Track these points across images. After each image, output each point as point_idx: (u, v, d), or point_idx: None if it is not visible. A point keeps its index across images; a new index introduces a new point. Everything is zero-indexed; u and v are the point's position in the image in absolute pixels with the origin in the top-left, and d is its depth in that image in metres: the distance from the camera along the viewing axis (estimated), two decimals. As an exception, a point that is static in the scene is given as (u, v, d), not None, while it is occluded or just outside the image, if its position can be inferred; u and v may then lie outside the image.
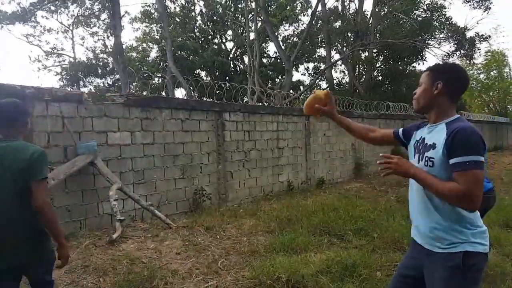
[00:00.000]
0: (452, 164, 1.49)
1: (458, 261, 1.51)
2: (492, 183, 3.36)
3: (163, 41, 20.90)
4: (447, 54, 16.31)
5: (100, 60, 22.26)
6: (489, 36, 16.13)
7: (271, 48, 23.90)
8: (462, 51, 16.31)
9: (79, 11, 20.23)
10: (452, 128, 1.53)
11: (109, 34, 21.17)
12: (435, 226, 1.59)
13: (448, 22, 16.34)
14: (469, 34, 16.14)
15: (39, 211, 1.84)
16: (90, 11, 20.39)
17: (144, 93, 15.18)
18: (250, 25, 17.09)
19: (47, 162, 1.98)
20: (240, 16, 22.24)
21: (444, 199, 1.52)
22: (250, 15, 16.66)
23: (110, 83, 23.14)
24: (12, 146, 1.88)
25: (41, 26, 20.25)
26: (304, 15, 22.53)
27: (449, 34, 16.01)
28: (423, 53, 17.68)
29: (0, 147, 1.87)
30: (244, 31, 19.71)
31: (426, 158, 1.60)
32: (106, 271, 3.41)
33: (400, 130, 1.94)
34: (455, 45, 16.14)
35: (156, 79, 21.21)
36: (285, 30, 23.40)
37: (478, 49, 16.33)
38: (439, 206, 1.58)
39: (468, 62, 17.75)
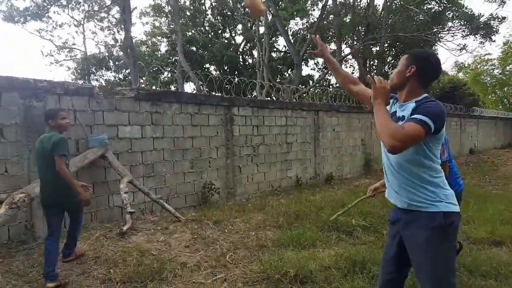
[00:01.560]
0: (408, 118, 1.69)
1: (439, 220, 1.67)
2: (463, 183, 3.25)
3: (173, 35, 20.95)
4: (459, 47, 15.87)
5: (112, 54, 22.43)
6: (505, 17, 15.51)
7: (281, 42, 23.68)
8: (478, 36, 15.77)
9: (90, 5, 20.33)
10: (419, 102, 1.74)
11: (119, 29, 21.30)
12: (410, 190, 1.76)
13: (461, 10, 15.85)
14: (483, 19, 15.56)
15: (59, 173, 3.11)
16: (100, 6, 20.49)
17: (154, 87, 15.27)
18: (261, 19, 16.96)
19: (63, 144, 3.16)
20: (250, 10, 22.08)
21: (379, 131, 1.65)
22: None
23: (122, 77, 23.34)
24: (47, 135, 3.24)
25: (53, 21, 20.47)
26: (314, 10, 22.27)
27: (463, 22, 15.52)
28: (435, 46, 17.30)
29: (44, 136, 3.27)
30: (254, 25, 19.58)
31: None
32: (117, 262, 3.47)
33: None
34: (470, 31, 15.59)
35: (166, 73, 21.29)
36: (296, 24, 23.21)
37: (496, 32, 15.70)
38: (410, 170, 1.75)
39: (485, 44, 17.07)
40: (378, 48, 17.99)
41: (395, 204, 1.88)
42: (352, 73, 22.01)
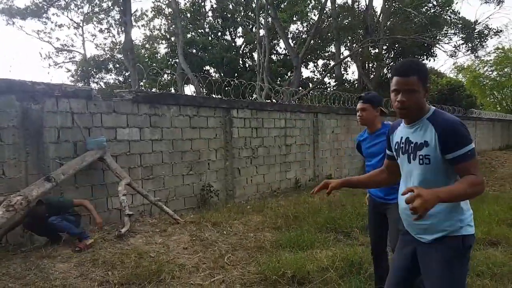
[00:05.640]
0: (453, 158, 1.55)
1: (458, 244, 1.62)
2: None
3: (173, 38, 20.98)
4: (454, 50, 16.02)
5: (112, 56, 22.47)
6: (501, 30, 15.76)
7: (281, 45, 23.77)
8: (470, 45, 15.98)
9: (89, 7, 20.38)
10: (438, 124, 1.58)
11: (119, 31, 21.35)
12: (435, 215, 1.59)
13: (456, 16, 16.04)
14: (479, 27, 15.79)
15: None
16: (100, 8, 20.55)
17: (154, 89, 15.29)
18: (261, 21, 17.03)
19: None
20: (250, 13, 22.16)
21: (469, 197, 1.58)
22: (261, 11, 16.58)
23: (122, 79, 23.36)
24: None
25: (52, 22, 20.43)
26: (313, 14, 22.35)
27: (458, 29, 15.71)
28: (433, 49, 17.38)
29: None
30: (255, 27, 19.65)
31: (421, 157, 1.63)
32: (115, 264, 3.47)
33: (387, 152, 1.98)
34: (463, 39, 15.81)
35: (165, 75, 21.32)
36: (295, 26, 23.29)
37: (486, 45, 16.01)
38: None
39: (474, 56, 17.39)
40: (376, 50, 18.06)
41: None
42: (347, 75, 22.05)
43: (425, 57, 18.70)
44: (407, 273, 1.78)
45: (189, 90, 22.87)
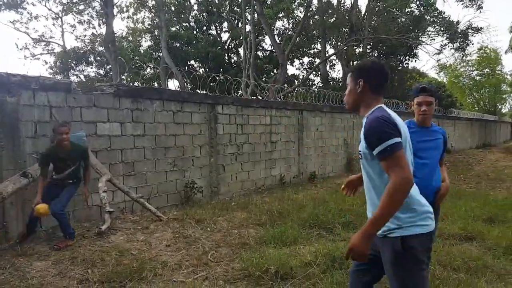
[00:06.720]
0: (376, 154, 1.57)
1: (397, 246, 1.60)
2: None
3: (157, 31, 20.58)
4: (438, 51, 16.48)
5: (93, 49, 21.84)
6: (481, 28, 16.30)
7: (267, 41, 23.73)
8: (455, 45, 16.47)
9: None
10: (366, 121, 1.65)
11: (100, 22, 20.76)
12: (373, 211, 1.67)
13: (441, 17, 16.47)
14: (461, 27, 16.27)
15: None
16: (80, -1, 19.92)
17: (136, 83, 14.99)
18: (247, 17, 16.93)
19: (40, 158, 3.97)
20: (236, 8, 21.99)
21: (398, 204, 1.49)
22: (247, 7, 16.48)
23: (103, 73, 22.77)
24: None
25: (28, 12, 19.66)
26: (299, 11, 22.40)
27: (442, 29, 16.15)
28: (416, 50, 17.78)
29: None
30: (240, 22, 19.52)
31: (360, 152, 1.72)
32: (94, 262, 3.39)
33: None
34: (447, 39, 16.27)
35: (148, 69, 20.93)
36: (281, 23, 23.27)
37: (471, 42, 16.51)
38: (378, 195, 1.64)
39: (461, 56, 17.94)
40: (361, 50, 18.29)
41: None
42: (338, 71, 22.24)
43: (407, 57, 19.10)
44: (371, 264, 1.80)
45: (173, 84, 22.53)
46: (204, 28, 23.27)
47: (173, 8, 21.88)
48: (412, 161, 1.73)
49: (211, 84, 7.53)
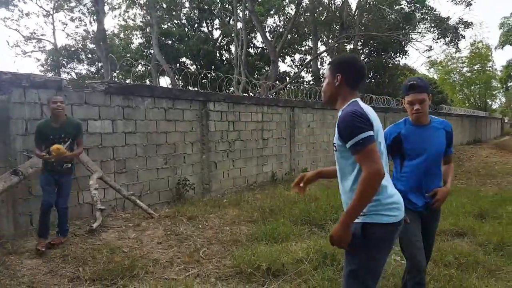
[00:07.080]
0: (348, 148, 1.61)
1: (358, 231, 1.66)
2: None
3: (148, 28, 20.39)
4: (428, 48, 16.67)
5: (84, 46, 21.55)
6: (471, 23, 16.48)
7: (259, 38, 23.68)
8: (446, 39, 16.65)
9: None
10: (340, 114, 1.68)
11: (92, 20, 20.48)
12: (345, 200, 1.75)
13: (431, 13, 16.63)
14: (452, 22, 16.45)
15: None
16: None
17: (127, 81, 14.86)
18: (239, 14, 16.88)
19: (36, 132, 3.76)
20: (227, 5, 21.89)
21: (370, 195, 1.56)
22: (238, 4, 16.42)
23: (95, 70, 22.50)
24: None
25: (19, 10, 19.28)
26: (290, 8, 22.39)
27: (433, 25, 16.31)
28: (406, 47, 17.95)
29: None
30: (232, 20, 19.45)
31: (334, 144, 1.75)
32: (86, 260, 3.38)
33: None
34: (438, 34, 16.44)
35: (140, 66, 20.75)
36: (273, 20, 23.23)
37: (463, 37, 16.69)
38: (350, 186, 1.69)
39: (453, 50, 18.17)
40: (352, 46, 18.39)
41: None
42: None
43: (398, 54, 19.26)
44: None
45: (165, 82, 22.31)
46: (196, 25, 23.11)
47: (164, 5, 21.67)
48: (385, 152, 1.77)
49: (203, 81, 7.50)
